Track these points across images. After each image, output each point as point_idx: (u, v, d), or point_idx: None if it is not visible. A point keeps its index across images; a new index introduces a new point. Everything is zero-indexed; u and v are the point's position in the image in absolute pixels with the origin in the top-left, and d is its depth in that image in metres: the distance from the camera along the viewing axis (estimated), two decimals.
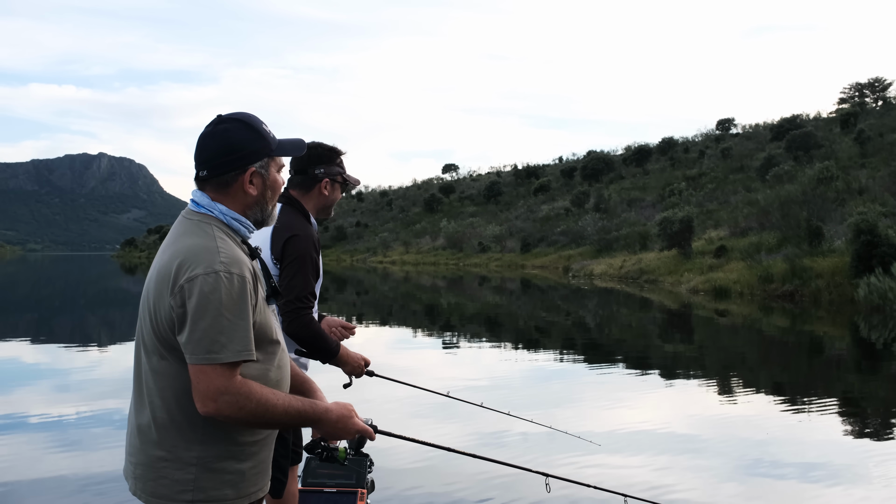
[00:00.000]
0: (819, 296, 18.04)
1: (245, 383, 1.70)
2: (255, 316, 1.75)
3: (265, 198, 1.86)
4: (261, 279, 1.83)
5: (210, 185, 1.82)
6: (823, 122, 55.02)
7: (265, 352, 1.81)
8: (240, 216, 1.83)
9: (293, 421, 1.79)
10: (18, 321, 17.33)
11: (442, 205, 74.39)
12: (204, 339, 1.65)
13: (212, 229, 1.77)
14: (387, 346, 12.26)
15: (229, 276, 1.68)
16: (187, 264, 1.69)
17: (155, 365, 1.76)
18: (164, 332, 1.72)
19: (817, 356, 11.49)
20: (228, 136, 1.80)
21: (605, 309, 19.45)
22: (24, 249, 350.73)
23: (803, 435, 6.19)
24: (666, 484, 4.81)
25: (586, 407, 7.35)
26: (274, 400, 1.73)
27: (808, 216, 21.49)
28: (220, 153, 1.79)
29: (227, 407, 1.67)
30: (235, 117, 1.84)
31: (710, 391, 8.25)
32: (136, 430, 1.80)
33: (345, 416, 1.88)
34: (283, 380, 1.90)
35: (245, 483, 1.80)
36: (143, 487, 1.78)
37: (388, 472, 4.78)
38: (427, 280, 35.03)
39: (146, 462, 1.77)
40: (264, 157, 1.84)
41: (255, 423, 1.75)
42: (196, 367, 1.67)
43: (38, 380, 8.95)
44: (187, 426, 1.75)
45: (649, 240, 33.10)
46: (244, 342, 1.69)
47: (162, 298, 1.71)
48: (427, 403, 6.78)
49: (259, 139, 1.82)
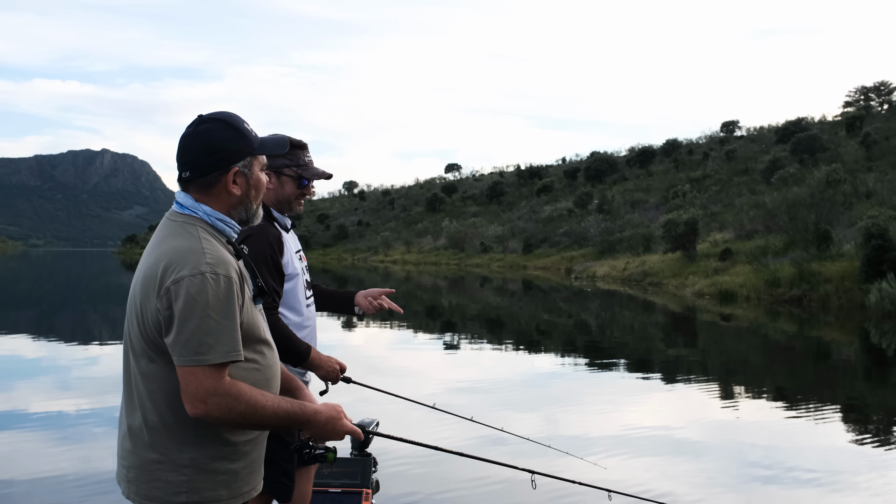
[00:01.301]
0: (828, 301, 17.67)
1: (234, 385, 1.70)
2: (242, 316, 1.75)
3: (249, 197, 1.86)
4: (247, 279, 1.83)
5: (193, 186, 1.82)
6: (829, 125, 54.81)
7: (253, 351, 1.80)
8: (224, 216, 1.83)
9: (282, 422, 1.79)
10: (18, 316, 17.20)
11: (444, 204, 74.17)
12: (191, 340, 1.65)
13: (196, 230, 1.77)
14: (386, 347, 12.21)
15: (215, 276, 1.68)
16: (173, 266, 1.69)
17: (144, 368, 1.75)
18: (151, 334, 1.72)
19: (824, 362, 11.27)
20: (210, 136, 1.80)
21: (607, 311, 19.19)
22: (27, 245, 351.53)
23: (805, 441, 6.09)
24: (664, 487, 4.77)
25: (585, 411, 7.28)
26: (263, 401, 1.73)
27: (816, 219, 21.13)
28: (202, 154, 1.79)
29: (216, 409, 1.67)
30: (217, 117, 1.83)
31: (713, 396, 8.07)
32: (127, 433, 1.80)
33: (334, 418, 1.87)
34: (273, 379, 1.89)
35: (238, 483, 1.80)
36: (137, 490, 1.77)
37: (389, 473, 4.76)
38: (428, 280, 34.86)
39: (139, 465, 1.77)
40: (247, 156, 1.84)
41: (244, 424, 1.75)
42: (184, 368, 1.67)
43: (38, 376, 8.93)
44: (179, 428, 1.74)
45: (653, 242, 32.78)
46: (232, 343, 1.69)
47: (148, 301, 1.71)
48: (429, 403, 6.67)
49: (241, 138, 1.82)
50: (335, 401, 2.01)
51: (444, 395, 7.54)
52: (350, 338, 13.10)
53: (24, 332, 13.56)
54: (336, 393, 2.83)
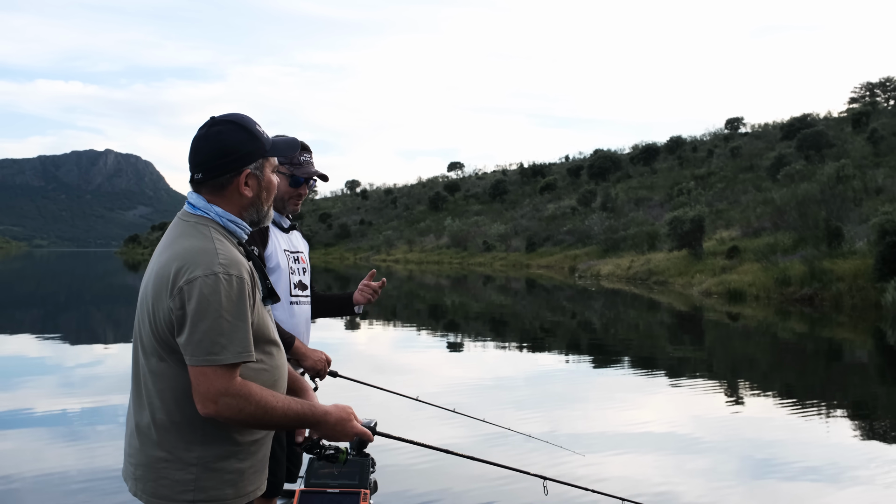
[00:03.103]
0: (841, 300, 17.15)
1: (245, 385, 1.70)
2: (253, 317, 1.75)
3: (260, 199, 1.87)
4: (257, 280, 1.83)
5: (206, 188, 1.82)
6: (834, 121, 54.34)
7: (262, 351, 1.81)
8: (236, 218, 1.83)
9: (292, 423, 1.81)
10: (23, 316, 17.15)
11: (447, 203, 73.81)
12: (204, 340, 1.66)
13: (209, 231, 1.77)
14: (390, 345, 12.20)
15: (228, 277, 1.69)
16: (186, 266, 1.69)
17: (154, 366, 1.76)
18: (163, 334, 1.72)
19: (836, 362, 10.90)
20: (222, 138, 1.80)
21: (612, 310, 18.80)
22: (31, 245, 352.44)
23: (813, 440, 6.04)
24: (669, 488, 4.74)
25: (588, 409, 7.27)
26: (273, 402, 1.74)
27: (826, 216, 20.66)
28: (214, 156, 1.79)
29: (227, 409, 1.68)
30: (229, 119, 1.83)
31: (718, 395, 7.94)
32: (135, 431, 1.81)
33: (343, 419, 1.87)
34: (280, 380, 1.90)
35: (244, 482, 1.81)
36: (144, 488, 1.78)
37: (389, 473, 4.75)
38: (431, 279, 34.54)
39: (146, 463, 1.78)
40: (259, 158, 1.84)
41: (255, 424, 1.76)
42: (196, 368, 1.68)
43: (43, 375, 8.92)
44: (187, 427, 1.75)
45: (658, 240, 32.35)
46: (244, 343, 1.70)
47: (161, 301, 1.71)
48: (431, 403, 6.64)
49: (253, 140, 1.82)
50: (336, 400, 1.98)
51: (449, 394, 7.40)
52: (351, 337, 12.81)
53: (25, 332, 13.50)
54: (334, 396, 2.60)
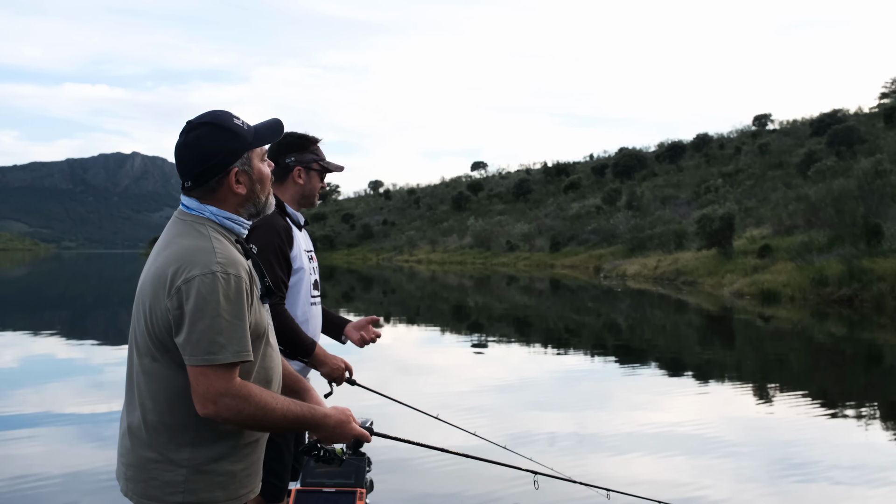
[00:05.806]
0: (882, 301, 16.33)
1: (245, 386, 1.69)
2: (251, 316, 1.73)
3: (255, 192, 1.83)
4: (255, 278, 1.80)
5: (197, 193, 1.79)
6: (865, 116, 53.06)
7: (257, 350, 1.79)
8: (232, 214, 1.80)
9: (291, 425, 1.79)
10: (52, 318, 17.20)
11: (470, 203, 73.39)
12: (202, 340, 1.64)
13: (206, 230, 1.75)
14: (413, 346, 12.15)
15: (226, 276, 1.68)
16: (184, 266, 1.68)
17: (147, 367, 1.74)
18: (159, 333, 1.70)
19: (876, 366, 10.35)
20: (201, 142, 1.77)
21: (638, 311, 18.24)
22: (59, 247, 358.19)
23: (846, 442, 5.93)
24: (695, 490, 4.70)
25: (614, 407, 7.29)
26: (273, 404, 1.72)
27: (865, 212, 19.86)
28: (197, 162, 1.76)
29: (226, 409, 1.66)
30: (205, 121, 1.80)
31: (748, 397, 7.84)
32: (127, 431, 1.79)
33: (343, 422, 1.87)
34: (273, 380, 1.86)
35: (235, 485, 1.78)
36: (134, 489, 1.77)
37: (387, 473, 4.69)
38: (454, 279, 34.15)
39: (136, 463, 1.76)
40: (243, 153, 1.80)
41: (253, 426, 1.74)
42: (195, 368, 1.66)
43: (72, 375, 9.02)
44: (178, 428, 1.73)
45: (685, 238, 31.64)
46: (242, 343, 1.68)
47: (158, 300, 1.69)
48: (432, 404, 6.40)
49: (233, 138, 1.78)
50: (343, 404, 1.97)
51: (473, 395, 7.39)
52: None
53: (58, 334, 13.46)
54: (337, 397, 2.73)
